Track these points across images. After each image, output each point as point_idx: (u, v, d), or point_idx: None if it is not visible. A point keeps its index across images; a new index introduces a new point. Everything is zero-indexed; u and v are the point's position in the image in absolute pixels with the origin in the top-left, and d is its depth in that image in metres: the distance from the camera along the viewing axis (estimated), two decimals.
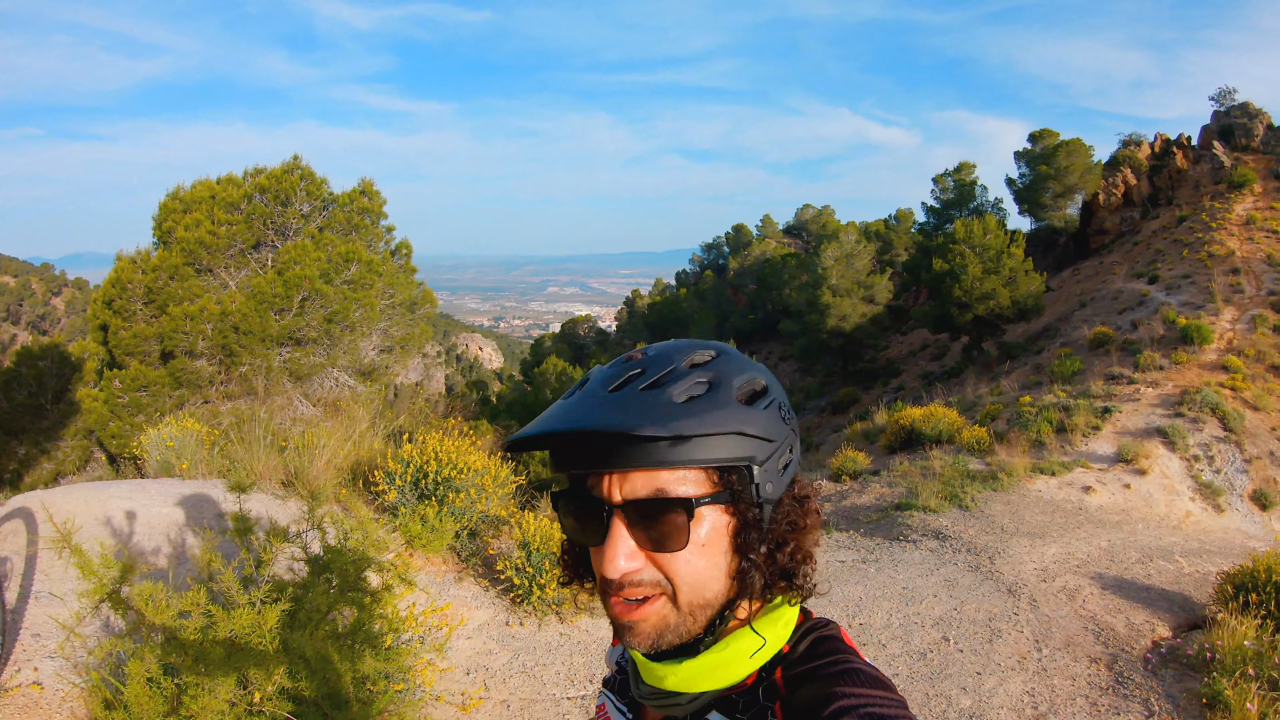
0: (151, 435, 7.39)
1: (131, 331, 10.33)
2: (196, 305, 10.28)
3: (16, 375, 14.71)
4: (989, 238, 32.20)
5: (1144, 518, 11.53)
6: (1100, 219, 44.59)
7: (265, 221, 11.37)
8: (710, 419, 0.96)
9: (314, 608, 2.89)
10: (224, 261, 11.02)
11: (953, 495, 11.48)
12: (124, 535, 4.90)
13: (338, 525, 3.39)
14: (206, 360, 10.61)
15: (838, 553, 9.48)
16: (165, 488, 6.00)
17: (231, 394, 10.86)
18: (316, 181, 11.90)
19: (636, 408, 0.95)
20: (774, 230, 72.65)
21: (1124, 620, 7.22)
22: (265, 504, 5.97)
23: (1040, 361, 26.43)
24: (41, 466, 14.01)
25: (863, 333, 40.27)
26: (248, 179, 11.63)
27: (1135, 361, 20.83)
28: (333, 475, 6.90)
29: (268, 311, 10.46)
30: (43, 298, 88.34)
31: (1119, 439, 14.84)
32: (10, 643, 3.73)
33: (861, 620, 7.26)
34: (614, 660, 1.35)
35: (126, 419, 10.16)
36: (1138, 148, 47.80)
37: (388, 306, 12.00)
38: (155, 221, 11.35)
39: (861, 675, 0.97)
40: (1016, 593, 7.82)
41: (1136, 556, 9.26)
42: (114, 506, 5.32)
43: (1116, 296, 31.28)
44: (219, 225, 10.84)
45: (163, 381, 10.32)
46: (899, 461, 14.51)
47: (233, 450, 7.22)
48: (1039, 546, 9.36)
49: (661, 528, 0.96)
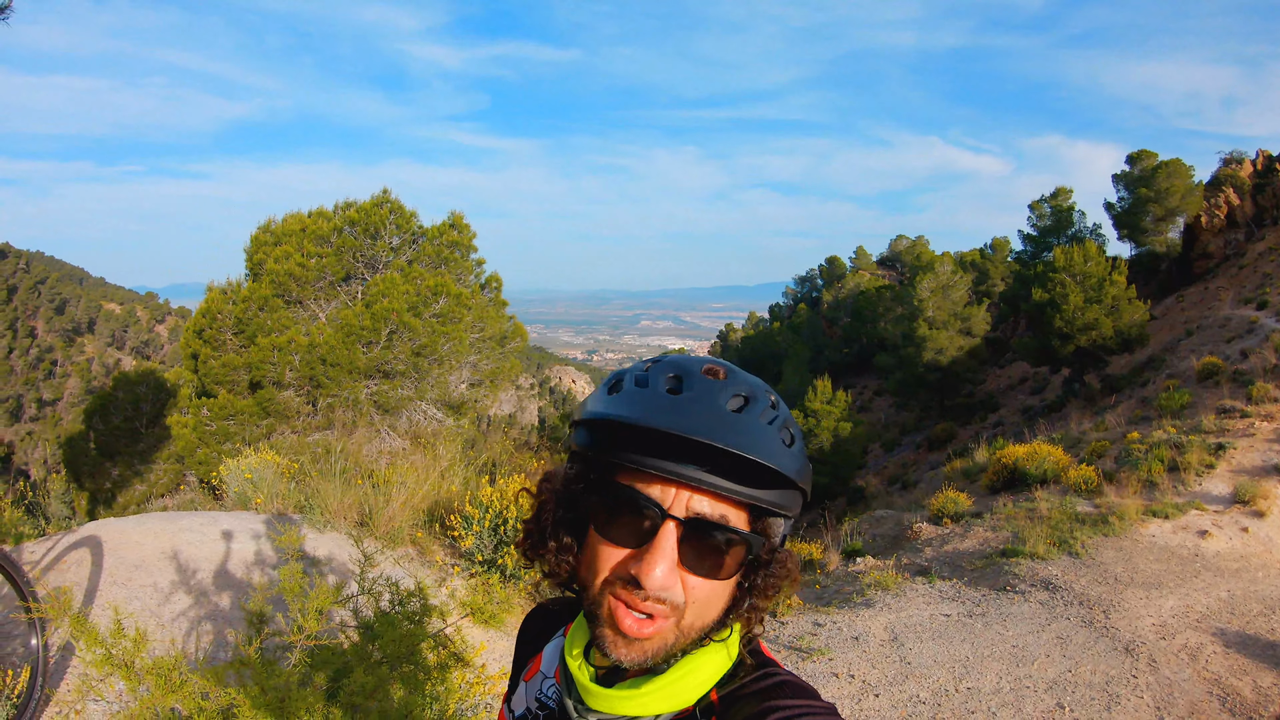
0: (231, 466, 7.35)
1: (220, 361, 10.44)
2: (285, 336, 10.34)
3: (114, 399, 15.23)
4: (1089, 265, 31.01)
5: (1264, 564, 10.75)
6: (1203, 242, 42.73)
7: (354, 254, 11.44)
8: (800, 472, 1.00)
9: (357, 688, 2.60)
10: (313, 294, 11.09)
11: (1062, 541, 10.88)
12: (188, 571, 4.80)
13: (393, 590, 3.11)
14: (294, 391, 10.65)
15: (942, 605, 8.93)
16: (238, 522, 5.90)
17: (318, 425, 10.87)
18: (406, 215, 11.94)
19: (762, 440, 0.97)
20: (868, 262, 71.89)
21: (1250, 683, 6.68)
22: (338, 544, 5.81)
23: (1146, 394, 25.29)
24: (134, 488, 14.39)
25: (960, 366, 39.20)
26: (338, 212, 11.74)
27: (1248, 394, 19.60)
28: (408, 516, 6.70)
29: (355, 344, 10.46)
30: (147, 325, 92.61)
31: (1235, 478, 13.90)
32: (53, 683, 3.66)
33: (969, 684, 6.76)
34: (532, 696, 1.27)
35: (214, 446, 10.25)
36: (1239, 166, 45.70)
37: (477, 340, 11.93)
38: (247, 254, 11.52)
39: (791, 687, 1.03)
40: (1134, 652, 7.28)
41: (1259, 609, 8.62)
42: (183, 539, 5.24)
43: (1224, 324, 29.91)
44: (308, 258, 10.92)
45: (250, 411, 10.38)
46: (1002, 503, 13.84)
47: (311, 485, 7.10)
48: (1155, 599, 8.79)
49: (715, 553, 0.99)
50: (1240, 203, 43.21)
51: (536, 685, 1.27)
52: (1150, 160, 44.07)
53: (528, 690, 1.29)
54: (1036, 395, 38.77)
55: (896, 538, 13.57)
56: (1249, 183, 44.21)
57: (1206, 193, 43.84)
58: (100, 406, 15.39)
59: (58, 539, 5.14)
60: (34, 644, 3.53)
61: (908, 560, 11.37)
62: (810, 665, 7.00)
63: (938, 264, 42.30)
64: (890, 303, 47.24)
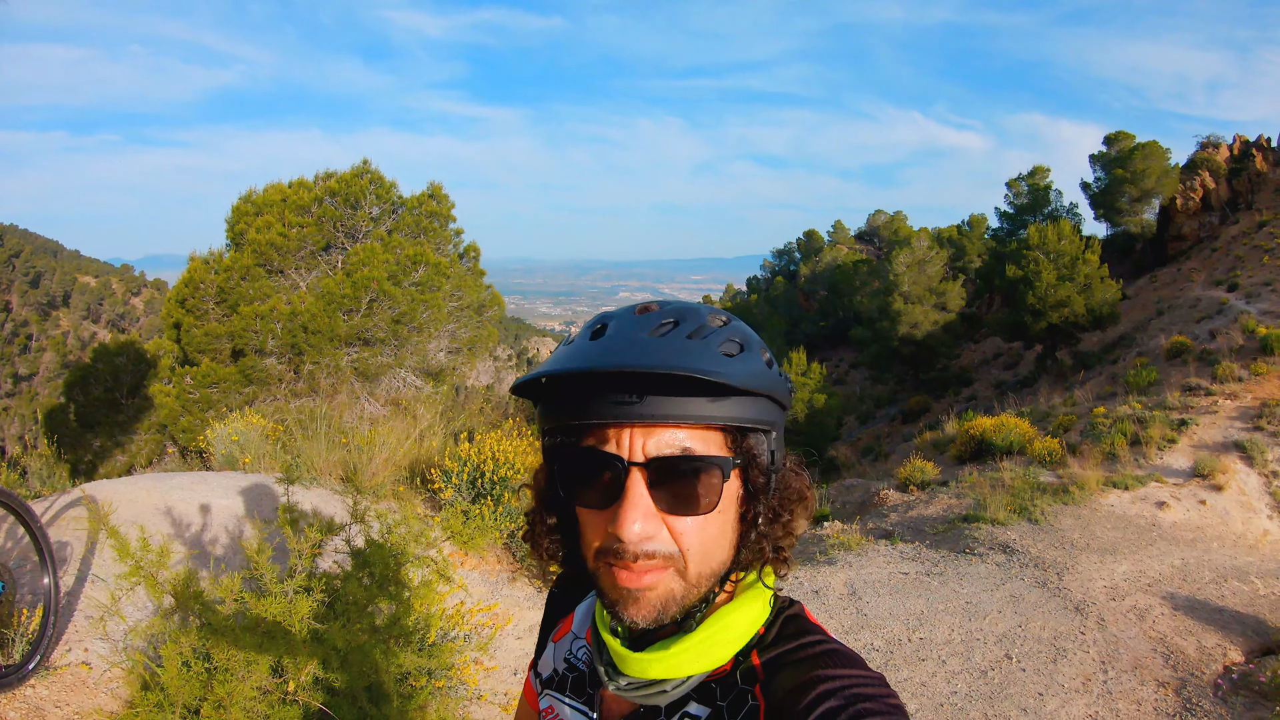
0: (217, 429, 7.54)
1: (203, 330, 10.57)
2: (267, 305, 10.48)
3: (94, 371, 15.23)
4: (1064, 244, 31.35)
5: (1219, 536, 11.07)
6: (1178, 224, 43.19)
7: (335, 224, 11.56)
8: (751, 377, 0.92)
9: (351, 600, 2.86)
10: (294, 263, 11.22)
11: (1022, 508, 11.14)
12: (182, 524, 4.99)
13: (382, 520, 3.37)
14: (276, 359, 10.81)
15: (901, 564, 9.25)
16: (227, 480, 6.09)
17: (299, 392, 11.05)
18: (386, 185, 12.06)
19: (688, 353, 0.91)
20: (845, 236, 72.03)
21: (1195, 643, 6.95)
22: (323, 498, 6.04)
23: (1115, 371, 25.67)
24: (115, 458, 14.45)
25: (935, 340, 39.56)
26: (318, 183, 11.84)
27: (1213, 372, 20.00)
28: (390, 472, 6.95)
29: (336, 312, 10.62)
30: (122, 297, 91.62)
31: (1195, 453, 14.25)
32: (63, 623, 3.80)
33: (922, 635, 7.06)
34: (561, 657, 1.25)
35: (197, 414, 10.39)
36: (1216, 150, 46.11)
37: (455, 309, 12.09)
38: (228, 224, 11.61)
39: (839, 656, 0.97)
40: (1084, 611, 7.56)
41: (1210, 576, 8.88)
42: (175, 497, 5.42)
43: (1194, 305, 30.31)
44: (290, 227, 11.05)
45: (233, 378, 10.53)
46: (968, 472, 14.16)
47: (296, 446, 7.31)
48: (1109, 563, 9.04)
49: (690, 489, 0.93)
50: (1215, 186, 43.66)
51: (566, 646, 1.25)
52: (1127, 141, 44.44)
53: (556, 651, 1.27)
54: (1009, 370, 39.18)
55: (864, 504, 13.88)
56: (1225, 167, 44.64)
57: (1183, 175, 44.22)
58: (80, 378, 15.42)
59: (53, 499, 5.29)
60: (45, 583, 3.67)
61: (873, 525, 11.67)
62: None
63: (914, 239, 42.48)
64: (867, 277, 47.56)
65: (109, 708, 3.30)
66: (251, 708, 2.73)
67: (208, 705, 2.67)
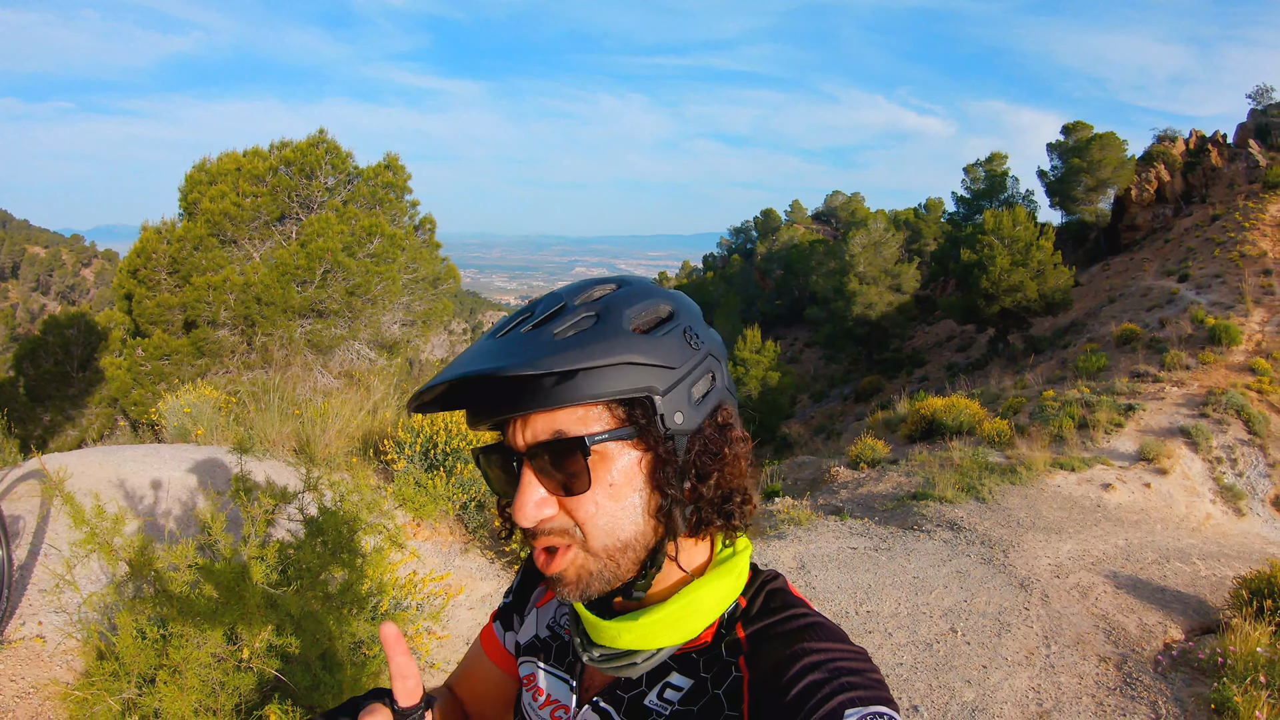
0: (169, 402, 7.48)
1: (155, 301, 10.44)
2: (220, 276, 10.38)
3: (43, 344, 14.95)
4: (1018, 229, 31.82)
5: (1163, 518, 11.39)
6: (1132, 214, 43.92)
7: (290, 194, 11.44)
8: (593, 351, 0.91)
9: (304, 567, 2.91)
10: (248, 233, 11.10)
11: (970, 487, 11.36)
12: (136, 497, 4.97)
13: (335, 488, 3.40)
14: (229, 330, 10.71)
15: (850, 539, 9.43)
16: (180, 453, 6.07)
17: (252, 364, 10.96)
18: (341, 155, 11.95)
19: (517, 349, 0.92)
20: (803, 216, 72.33)
21: (1136, 621, 7.13)
22: (276, 470, 6.04)
23: (1066, 356, 26.15)
24: (66, 433, 14.24)
25: (889, 321, 40.05)
26: (273, 152, 11.71)
27: (1161, 360, 20.51)
28: (344, 444, 6.97)
29: (290, 283, 10.54)
30: (72, 269, 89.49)
31: (1141, 437, 14.64)
32: (16, 597, 3.80)
33: (869, 608, 7.21)
34: (543, 624, 1.27)
35: (149, 387, 10.28)
36: (1172, 144, 46.92)
37: (410, 281, 12.05)
38: (181, 193, 11.45)
39: (823, 629, 0.97)
40: (1028, 587, 7.73)
41: (1153, 557, 9.12)
42: (128, 469, 5.40)
43: (1146, 293, 30.87)
44: (244, 197, 10.92)
45: (185, 350, 10.43)
46: (918, 451, 14.41)
47: (249, 418, 7.29)
48: (1054, 542, 9.26)
49: (565, 470, 0.94)
50: (1170, 179, 44.38)
51: (550, 612, 1.27)
52: (1085, 132, 45.09)
53: (540, 616, 1.28)
54: (962, 353, 39.72)
55: (815, 481, 14.08)
56: (1180, 160, 45.36)
57: (1138, 167, 44.88)
58: (29, 351, 15.12)
59: (4, 473, 5.26)
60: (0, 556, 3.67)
61: (823, 501, 11.84)
62: None
63: (871, 221, 42.90)
64: (823, 257, 47.91)
65: (64, 679, 3.30)
66: (206, 675, 2.77)
67: (163, 673, 2.70)
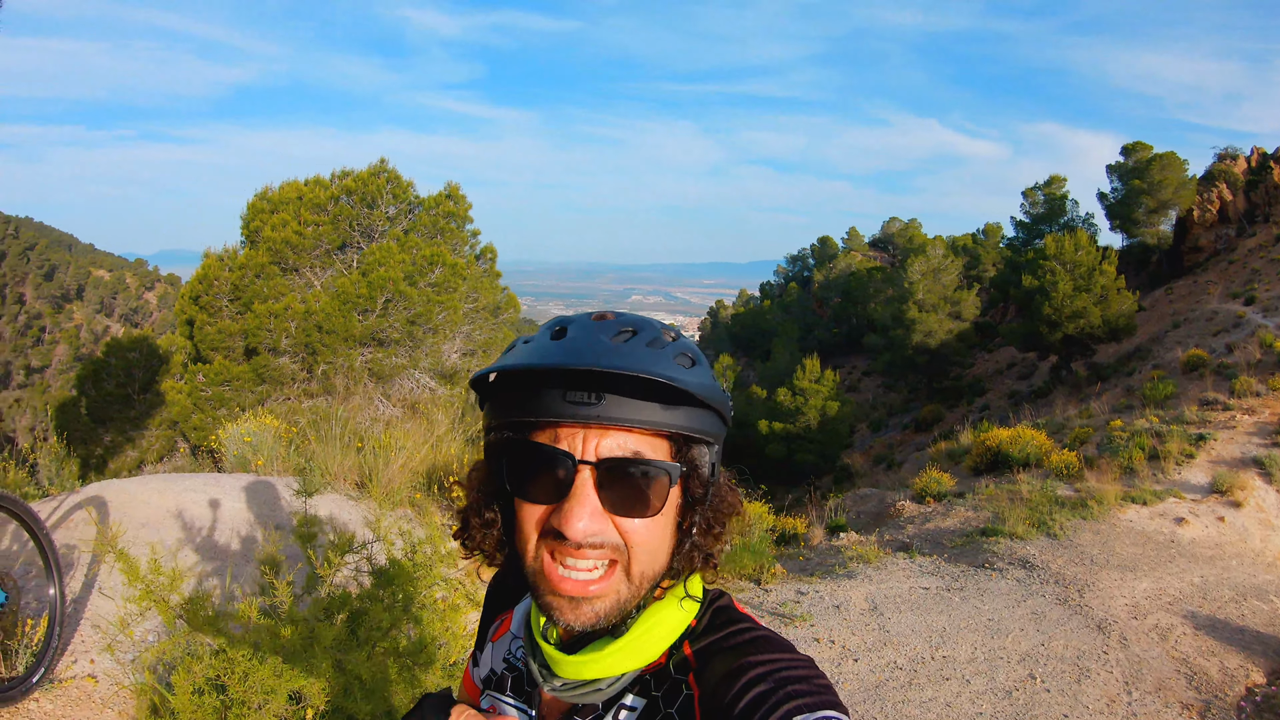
0: (230, 430, 7.42)
1: (216, 327, 10.51)
2: (281, 303, 10.41)
3: (106, 366, 15.22)
4: (1080, 254, 31.20)
5: (1238, 553, 10.94)
6: (1194, 236, 42.92)
7: (351, 223, 11.50)
8: (704, 389, 0.96)
9: (374, 625, 2.74)
10: (309, 261, 11.15)
11: (1040, 522, 11.01)
12: (194, 529, 4.86)
13: (405, 537, 3.24)
14: (289, 358, 10.73)
15: (921, 578, 9.11)
16: (239, 483, 5.98)
17: (313, 392, 10.97)
18: (403, 184, 12.00)
19: (650, 359, 0.94)
20: (860, 243, 72.09)
21: (1218, 664, 6.88)
22: (338, 505, 5.91)
23: (1131, 384, 25.54)
24: (126, 454, 14.42)
25: (948, 349, 39.47)
26: (335, 181, 11.79)
27: (1231, 387, 19.88)
28: (407, 479, 6.82)
29: (351, 312, 10.54)
30: (136, 292, 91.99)
31: (1213, 468, 14.10)
32: (68, 634, 3.68)
33: (945, 653, 6.93)
34: (500, 657, 1.27)
35: (209, 412, 10.33)
36: (1233, 162, 45.82)
37: (471, 310, 12.02)
38: (243, 220, 11.57)
39: (767, 641, 1.01)
40: (1106, 630, 7.45)
41: (1230, 595, 8.80)
42: (187, 499, 5.30)
43: (1211, 318, 30.13)
44: (305, 225, 10.98)
45: (245, 377, 10.46)
46: (985, 484, 14.01)
47: (309, 448, 7.20)
48: (1129, 580, 8.95)
49: (639, 492, 0.96)
50: (1233, 198, 43.38)
51: (505, 646, 1.27)
52: (1145, 152, 44.19)
53: (495, 651, 1.29)
54: (1024, 381, 39.02)
55: (879, 515, 13.75)
56: (1242, 179, 44.37)
57: (1200, 187, 43.98)
58: (92, 372, 15.41)
59: (62, 499, 5.19)
60: (51, 593, 3.56)
61: (890, 536, 11.53)
62: (793, 630, 7.17)
63: (929, 247, 42.46)
64: (881, 284, 47.59)
65: None
66: None
67: None
